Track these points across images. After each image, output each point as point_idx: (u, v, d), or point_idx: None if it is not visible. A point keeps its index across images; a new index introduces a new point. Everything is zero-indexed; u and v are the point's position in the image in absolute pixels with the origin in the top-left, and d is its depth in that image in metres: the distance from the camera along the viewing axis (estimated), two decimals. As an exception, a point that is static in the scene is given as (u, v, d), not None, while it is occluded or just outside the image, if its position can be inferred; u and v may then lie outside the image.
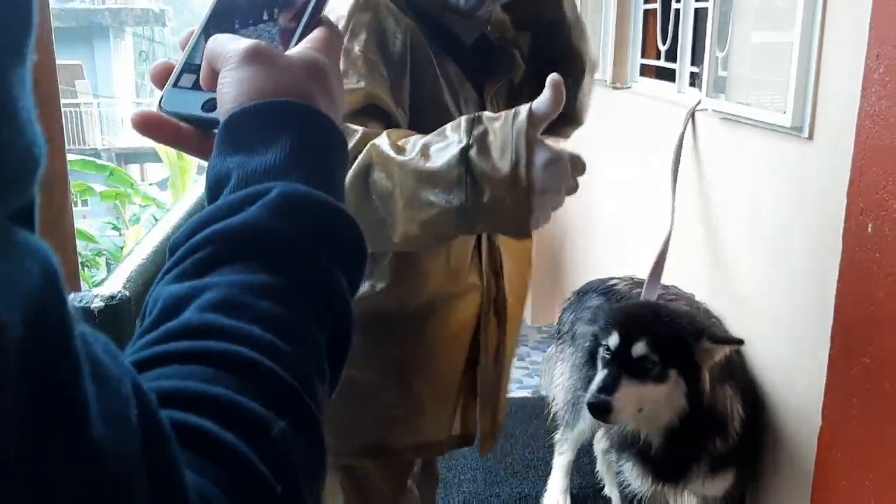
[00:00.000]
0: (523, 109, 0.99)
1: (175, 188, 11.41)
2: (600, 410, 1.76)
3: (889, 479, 1.45)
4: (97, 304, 0.92)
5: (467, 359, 1.49)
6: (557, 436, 2.68)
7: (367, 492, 1.54)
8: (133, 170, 18.08)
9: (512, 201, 0.99)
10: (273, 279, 0.48)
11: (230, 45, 0.58)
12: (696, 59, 2.67)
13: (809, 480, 1.76)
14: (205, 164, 0.58)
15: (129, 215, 11.63)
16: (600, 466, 2.71)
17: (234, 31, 0.62)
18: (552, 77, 0.97)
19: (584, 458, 2.78)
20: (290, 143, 0.53)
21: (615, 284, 2.41)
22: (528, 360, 4.02)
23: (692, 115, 2.50)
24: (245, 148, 0.54)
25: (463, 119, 1.05)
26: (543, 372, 3.04)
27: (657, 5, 3.03)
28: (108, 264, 10.70)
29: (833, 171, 1.68)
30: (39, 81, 1.00)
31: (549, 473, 2.76)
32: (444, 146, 1.03)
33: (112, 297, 0.94)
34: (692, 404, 1.82)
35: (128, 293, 0.97)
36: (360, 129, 1.13)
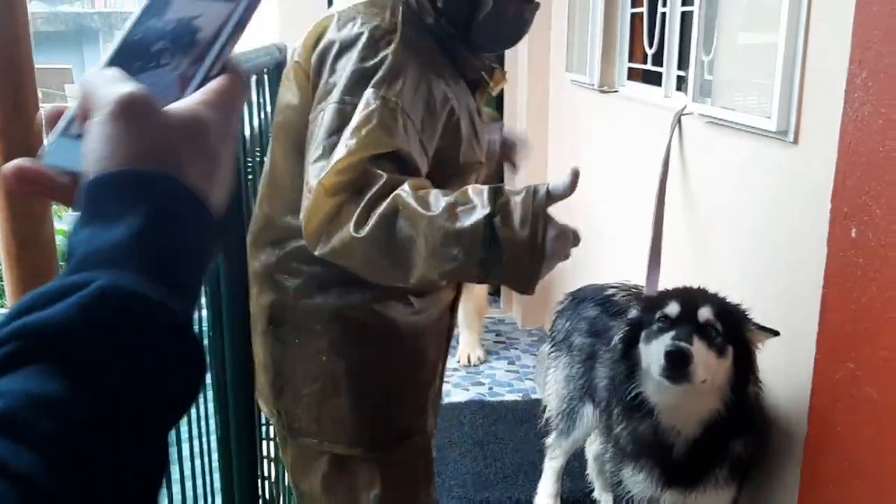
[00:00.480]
0: (542, 189, 1.19)
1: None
2: (679, 358, 1.65)
3: (875, 484, 1.46)
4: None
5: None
6: (549, 440, 2.68)
7: (403, 475, 1.64)
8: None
9: (527, 264, 1.18)
10: (67, 390, 0.42)
11: (104, 90, 0.51)
12: (683, 62, 2.67)
13: (797, 485, 1.76)
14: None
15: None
16: (591, 470, 2.72)
17: (132, 73, 0.53)
18: (573, 167, 1.19)
19: (574, 462, 2.78)
20: (139, 220, 0.47)
21: (612, 294, 2.37)
22: (518, 363, 4.02)
23: (679, 120, 2.50)
24: (97, 220, 0.48)
25: (486, 188, 1.21)
26: (538, 373, 3.04)
27: (644, 9, 3.03)
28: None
29: (818, 176, 1.68)
30: (19, 86, 0.99)
31: (539, 478, 2.76)
32: (471, 209, 1.19)
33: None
34: (736, 391, 1.76)
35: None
36: (384, 174, 1.25)
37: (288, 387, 1.53)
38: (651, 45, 2.95)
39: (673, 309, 1.75)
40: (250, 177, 2.01)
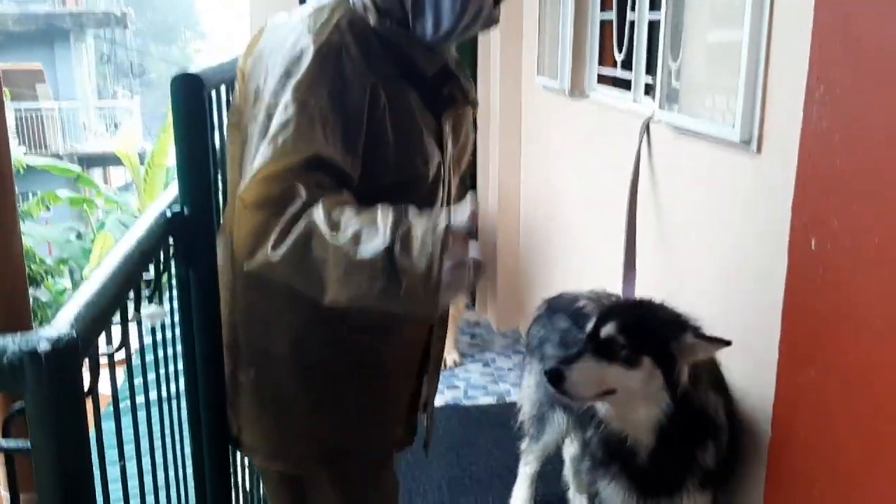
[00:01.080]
0: (442, 223, 1.23)
1: (141, 193, 11.31)
2: (553, 378, 1.80)
3: (836, 489, 1.49)
4: (43, 346, 0.92)
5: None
6: (523, 446, 2.71)
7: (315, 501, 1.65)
8: (96, 174, 17.88)
9: (424, 293, 1.22)
10: None
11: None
12: (652, 69, 2.70)
13: (762, 488, 1.80)
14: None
15: (95, 221, 11.51)
16: (567, 472, 2.75)
17: None
18: (473, 201, 1.28)
19: (548, 466, 2.80)
20: None
21: (583, 307, 2.42)
22: (493, 366, 4.04)
23: (647, 127, 2.54)
24: None
25: (391, 216, 1.25)
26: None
27: (613, 16, 3.06)
28: (71, 273, 10.55)
29: (781, 185, 1.72)
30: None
31: (513, 482, 2.78)
32: (373, 237, 1.22)
33: (59, 340, 0.93)
34: (676, 400, 1.80)
35: (75, 333, 0.96)
36: (302, 195, 1.27)
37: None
38: (620, 51, 2.98)
39: (588, 326, 1.86)
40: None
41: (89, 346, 1.02)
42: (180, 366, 1.62)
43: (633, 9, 2.81)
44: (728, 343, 1.76)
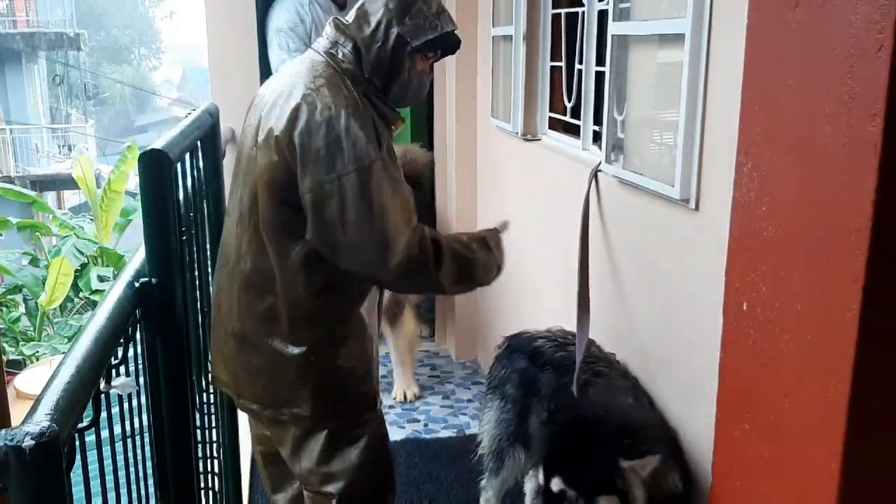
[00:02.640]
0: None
1: (98, 220, 11.18)
2: None
3: (770, 533, 1.60)
4: (27, 443, 0.98)
5: None
6: (483, 481, 2.79)
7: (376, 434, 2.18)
8: (49, 197, 17.62)
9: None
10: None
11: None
12: (599, 117, 2.82)
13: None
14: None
15: (48, 245, 11.35)
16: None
17: None
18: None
19: (506, 499, 2.89)
20: None
21: (540, 346, 2.53)
22: (452, 398, 4.12)
23: (595, 175, 2.65)
24: None
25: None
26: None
27: (563, 64, 3.19)
28: (25, 300, 10.38)
29: (718, 243, 1.84)
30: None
31: (473, 518, 2.86)
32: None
33: (42, 435, 0.99)
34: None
35: (56, 426, 1.02)
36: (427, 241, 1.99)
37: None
38: (570, 99, 3.10)
39: (539, 479, 1.99)
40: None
41: (68, 432, 1.09)
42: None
43: (580, 61, 2.93)
44: (660, 457, 1.87)
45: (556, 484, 1.91)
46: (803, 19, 1.38)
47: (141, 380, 1.73)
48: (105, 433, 1.38)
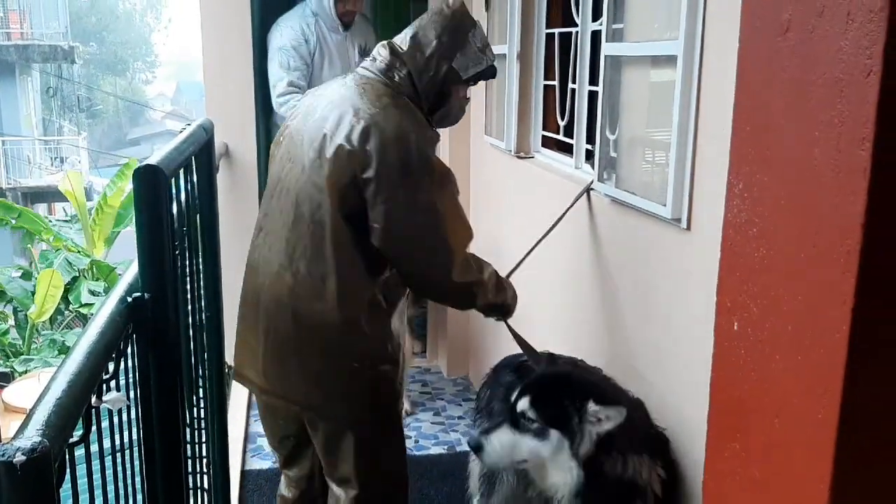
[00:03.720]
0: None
1: (88, 232, 11.15)
2: (473, 446, 2.07)
3: (760, 553, 1.60)
4: (18, 458, 0.98)
5: None
6: (474, 502, 2.78)
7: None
8: (40, 208, 17.57)
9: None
10: None
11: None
12: (592, 136, 2.84)
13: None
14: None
15: (40, 258, 11.30)
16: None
17: None
18: None
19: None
20: None
21: (525, 360, 2.56)
22: (444, 414, 4.12)
23: (588, 193, 2.67)
24: None
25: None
26: None
27: (556, 83, 3.21)
28: (15, 312, 10.34)
29: (709, 263, 1.85)
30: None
31: (463, 536, 2.85)
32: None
33: (33, 451, 0.99)
34: (588, 469, 1.96)
35: (47, 442, 1.02)
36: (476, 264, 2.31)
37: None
38: (563, 118, 3.12)
39: (512, 397, 2.07)
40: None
41: (59, 448, 1.09)
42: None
43: (573, 80, 2.95)
44: (625, 410, 1.93)
45: (522, 403, 2.01)
46: (794, 43, 1.39)
47: (132, 394, 1.73)
48: (94, 448, 1.38)
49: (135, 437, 1.65)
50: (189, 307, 2.08)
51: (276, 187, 2.22)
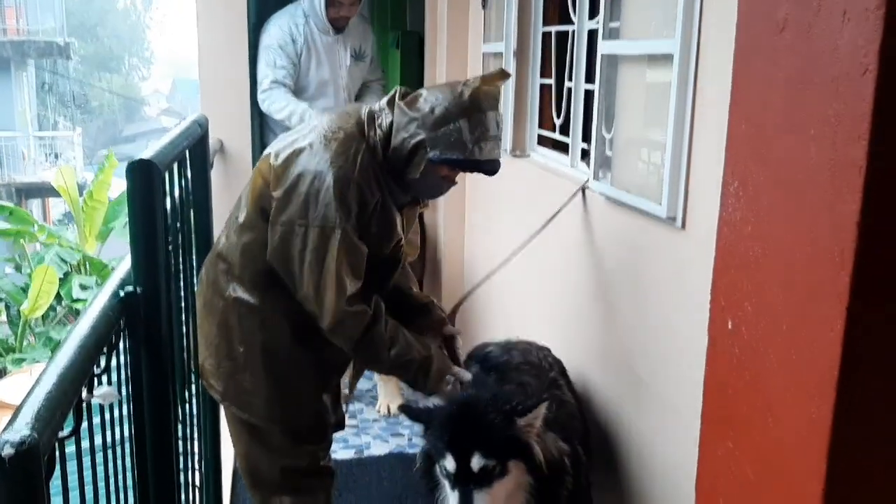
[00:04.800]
0: (454, 378, 2.32)
1: (80, 227, 11.11)
2: None
3: (752, 552, 1.60)
4: (7, 451, 0.97)
5: None
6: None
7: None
8: (34, 204, 17.53)
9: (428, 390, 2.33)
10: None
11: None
12: (588, 135, 2.84)
13: (687, 549, 1.90)
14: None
15: (32, 254, 11.25)
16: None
17: None
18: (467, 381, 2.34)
19: None
20: None
21: (490, 351, 2.60)
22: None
23: (583, 192, 2.66)
24: None
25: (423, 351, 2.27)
26: None
27: (552, 81, 3.20)
28: (7, 307, 10.29)
29: (704, 262, 1.84)
30: None
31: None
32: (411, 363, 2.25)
33: (22, 443, 0.98)
34: (536, 475, 2.01)
35: (36, 435, 1.01)
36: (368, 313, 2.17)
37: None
38: (559, 116, 3.12)
39: (450, 465, 1.98)
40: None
41: (49, 442, 1.08)
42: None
43: (570, 78, 2.95)
44: (545, 400, 2.00)
45: (476, 462, 1.95)
46: (790, 42, 1.39)
47: (124, 390, 1.72)
48: (85, 444, 1.37)
49: (126, 432, 1.65)
50: (182, 303, 2.07)
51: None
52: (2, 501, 0.98)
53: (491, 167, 2.16)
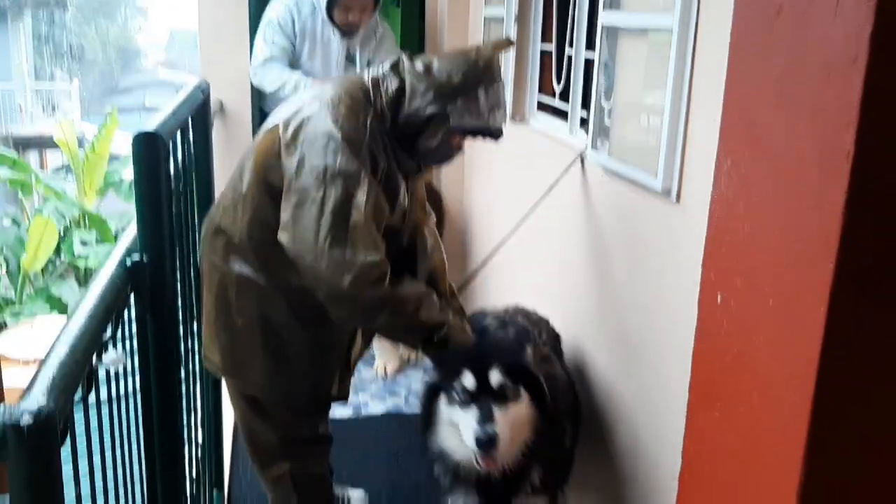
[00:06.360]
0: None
1: (80, 181, 11.09)
2: (489, 443, 1.97)
3: (735, 517, 1.67)
4: (25, 420, 1.02)
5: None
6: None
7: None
8: (32, 156, 17.45)
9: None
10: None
11: None
12: (588, 102, 2.85)
13: (674, 511, 1.97)
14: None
15: (30, 208, 11.26)
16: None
17: None
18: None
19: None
20: None
21: (488, 325, 2.63)
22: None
23: (581, 161, 2.69)
24: None
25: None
26: None
27: (553, 48, 3.21)
28: (6, 261, 10.32)
29: (696, 236, 1.89)
30: None
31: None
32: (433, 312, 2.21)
33: (39, 413, 1.03)
34: (544, 414, 2.09)
35: (52, 404, 1.06)
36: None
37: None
38: (559, 83, 3.13)
39: (469, 381, 2.03)
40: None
41: (63, 410, 1.13)
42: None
43: (570, 45, 2.95)
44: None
45: (495, 378, 2.03)
46: (786, 26, 1.42)
47: (132, 356, 1.77)
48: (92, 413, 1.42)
49: (132, 388, 1.70)
50: (188, 271, 2.12)
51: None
52: (21, 467, 1.04)
53: (500, 133, 2.21)
